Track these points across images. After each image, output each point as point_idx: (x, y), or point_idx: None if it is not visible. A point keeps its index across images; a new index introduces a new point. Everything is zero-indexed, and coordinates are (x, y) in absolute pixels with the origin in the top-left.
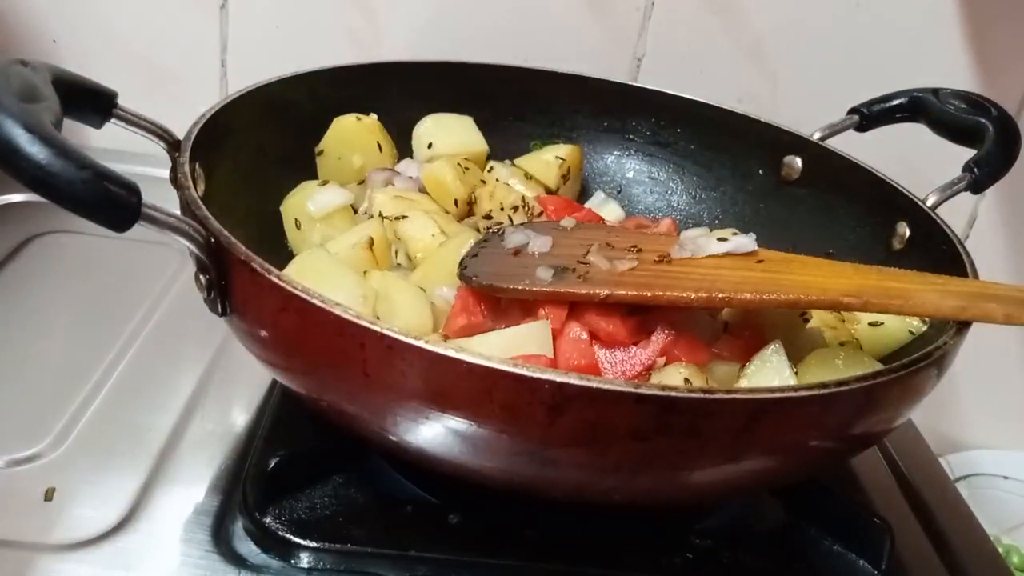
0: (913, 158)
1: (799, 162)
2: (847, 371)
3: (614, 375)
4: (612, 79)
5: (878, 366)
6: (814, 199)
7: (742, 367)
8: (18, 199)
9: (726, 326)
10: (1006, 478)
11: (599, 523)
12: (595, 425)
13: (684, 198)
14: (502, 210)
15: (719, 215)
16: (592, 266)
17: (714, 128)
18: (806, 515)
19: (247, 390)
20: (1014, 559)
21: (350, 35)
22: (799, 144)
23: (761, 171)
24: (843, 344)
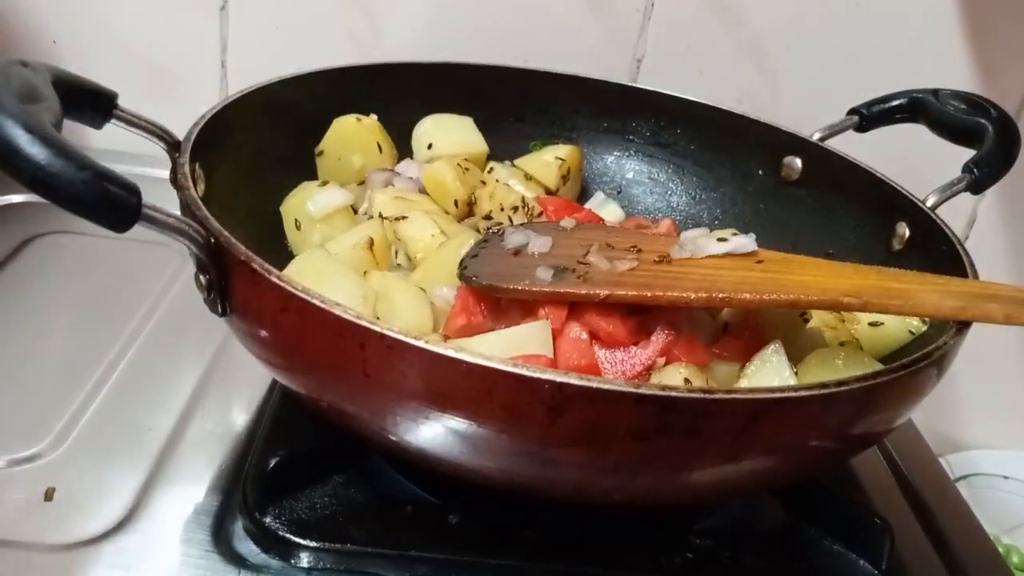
0: (913, 158)
1: (799, 162)
2: (847, 371)
3: (614, 375)
4: (612, 80)
5: (878, 366)
6: (814, 199)
7: (742, 367)
8: (18, 199)
9: (726, 326)
10: (1006, 478)
11: (599, 523)
12: (595, 425)
13: (684, 199)
14: (502, 210)
15: (719, 215)
16: (592, 266)
17: (714, 129)
18: (806, 515)
19: (247, 390)
20: (1014, 559)
21: (350, 35)
22: (799, 144)
23: (761, 171)
24: (843, 344)
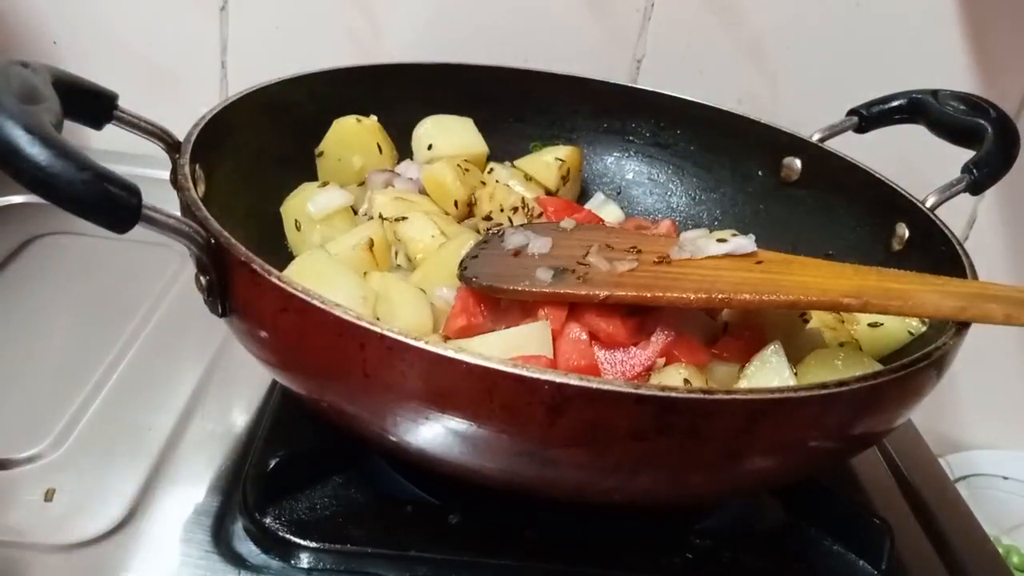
0: (913, 159)
1: (799, 163)
2: (847, 372)
3: (614, 376)
4: (612, 80)
5: (878, 367)
6: (814, 200)
7: (742, 368)
8: (18, 200)
9: (726, 327)
10: (1006, 478)
11: (599, 523)
12: (595, 425)
13: (684, 199)
14: (502, 211)
15: (719, 216)
16: (592, 267)
17: (714, 129)
18: (806, 515)
19: (247, 390)
20: (1014, 559)
21: (350, 35)
22: (799, 145)
23: (761, 172)
24: (842, 345)
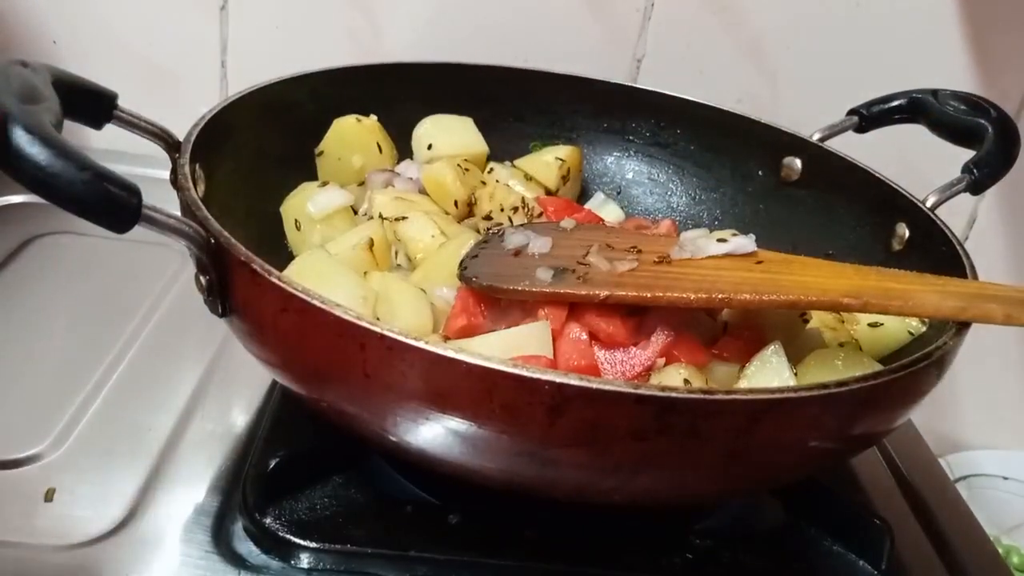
0: (913, 159)
1: (799, 163)
2: (847, 372)
3: (614, 376)
4: (612, 80)
5: (878, 367)
6: (814, 200)
7: (742, 368)
8: (18, 200)
9: (726, 327)
10: (1006, 478)
11: (599, 523)
12: (595, 425)
13: (684, 199)
14: (502, 211)
15: (719, 216)
16: (592, 267)
17: (714, 129)
18: (806, 515)
19: (247, 390)
20: (1014, 559)
21: (350, 35)
22: (799, 145)
23: (761, 172)
24: (842, 345)
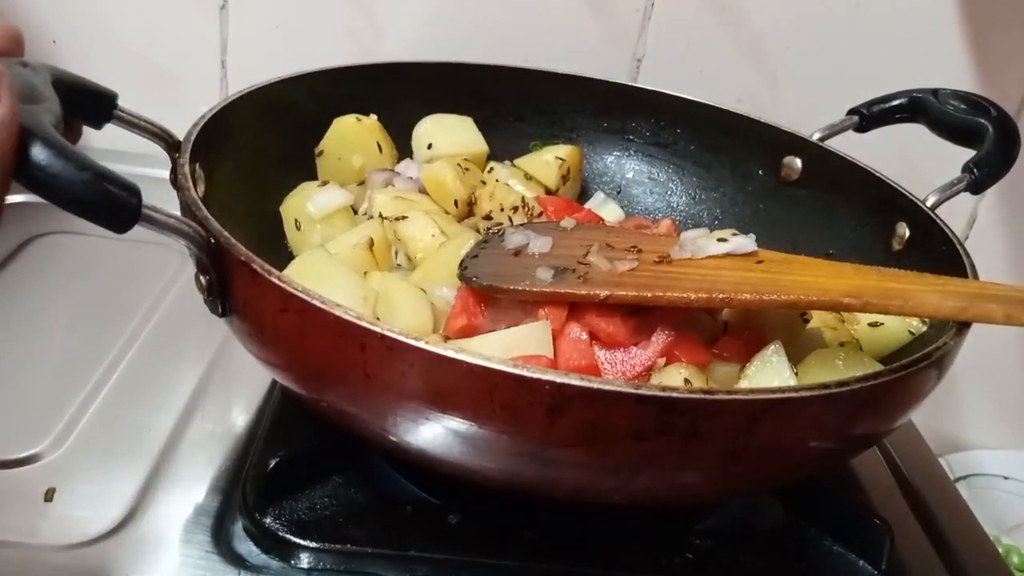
0: (913, 158)
1: (799, 162)
2: (847, 372)
3: (614, 376)
4: (612, 79)
5: (878, 366)
6: (814, 199)
7: (742, 368)
8: (18, 200)
9: (726, 327)
10: (1006, 478)
11: (599, 523)
12: (595, 426)
13: (684, 199)
14: (502, 211)
15: (719, 216)
16: (592, 267)
17: (714, 128)
18: (806, 515)
19: (247, 390)
20: (1014, 559)
21: (350, 35)
22: (799, 144)
23: (761, 171)
24: (843, 344)
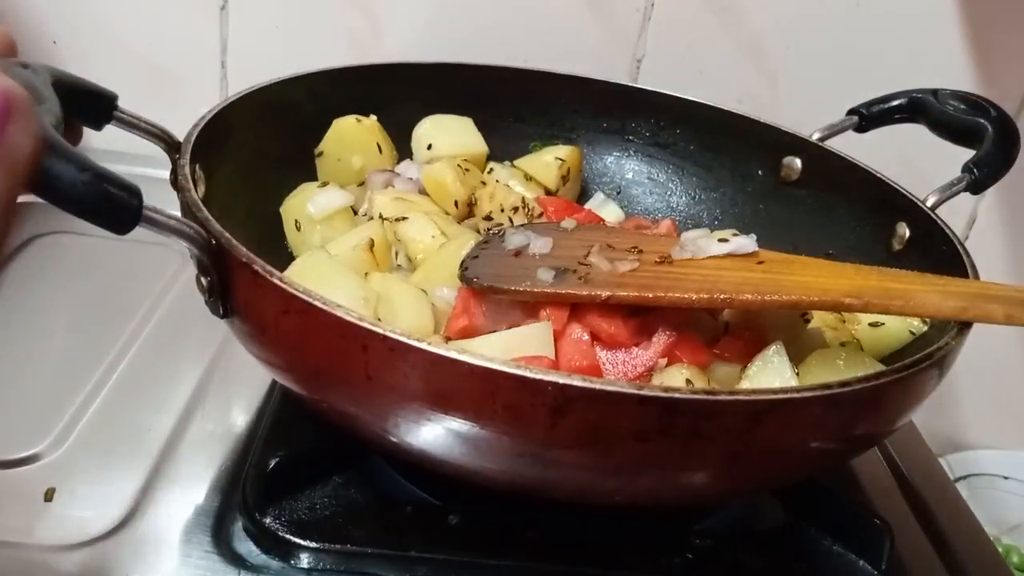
0: (913, 158)
1: (799, 163)
2: (848, 372)
3: (616, 376)
4: (612, 80)
5: (879, 367)
6: (814, 200)
7: (743, 368)
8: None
9: (727, 327)
10: (1006, 478)
11: (599, 523)
12: (597, 426)
13: (684, 199)
14: (502, 211)
15: (719, 216)
16: (593, 267)
17: (714, 129)
18: (806, 515)
19: (247, 390)
20: (1014, 559)
21: (350, 35)
22: (799, 145)
23: (761, 172)
24: (844, 345)
